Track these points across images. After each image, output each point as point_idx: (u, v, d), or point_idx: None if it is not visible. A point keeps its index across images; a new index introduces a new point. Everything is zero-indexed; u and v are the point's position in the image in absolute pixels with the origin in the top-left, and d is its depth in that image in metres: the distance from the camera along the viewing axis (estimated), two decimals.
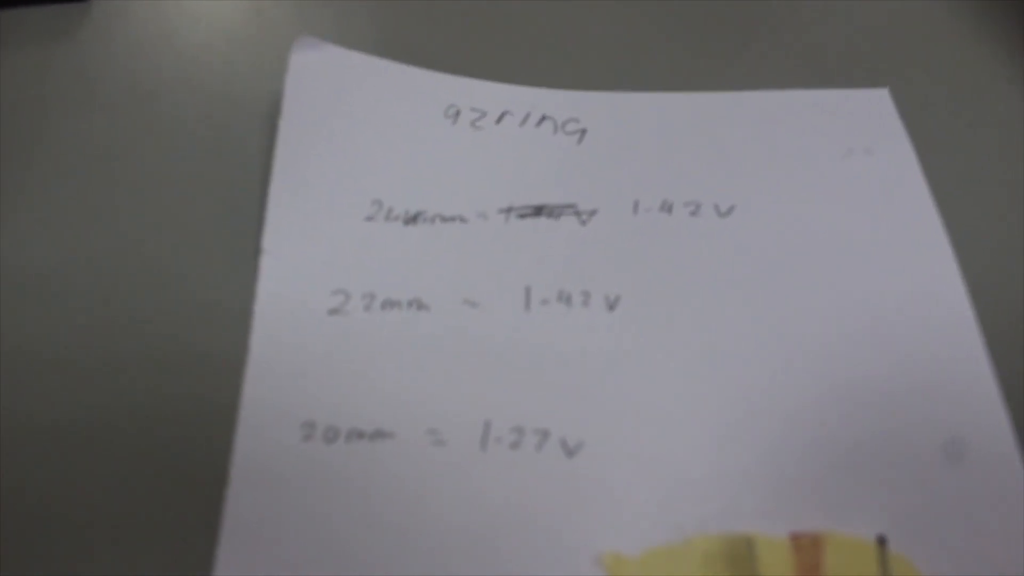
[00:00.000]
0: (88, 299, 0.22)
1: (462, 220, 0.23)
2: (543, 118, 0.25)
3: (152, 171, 0.25)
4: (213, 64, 0.27)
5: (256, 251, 0.22)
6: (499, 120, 0.25)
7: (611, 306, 0.22)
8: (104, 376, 0.21)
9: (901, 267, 0.23)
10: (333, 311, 0.22)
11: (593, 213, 0.23)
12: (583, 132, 0.25)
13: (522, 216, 0.23)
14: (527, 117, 0.25)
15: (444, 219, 0.23)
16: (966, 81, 0.27)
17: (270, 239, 0.22)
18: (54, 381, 0.21)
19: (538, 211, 0.23)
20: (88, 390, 0.21)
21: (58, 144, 0.26)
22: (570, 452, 0.20)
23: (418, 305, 0.22)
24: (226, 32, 0.28)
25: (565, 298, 0.22)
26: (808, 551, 0.19)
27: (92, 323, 0.22)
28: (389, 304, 0.22)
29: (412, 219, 0.23)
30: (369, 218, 0.23)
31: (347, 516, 0.19)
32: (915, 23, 0.28)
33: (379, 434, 0.20)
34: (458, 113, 0.25)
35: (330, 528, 0.19)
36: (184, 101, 0.26)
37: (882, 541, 0.19)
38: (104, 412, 0.21)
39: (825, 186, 0.24)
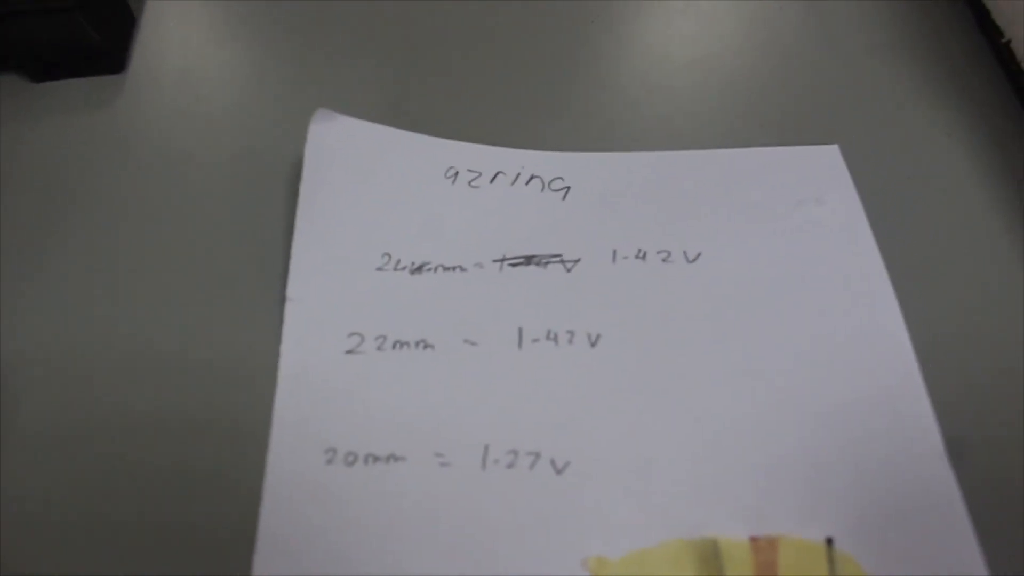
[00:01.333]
0: (128, 343, 0.25)
1: (462, 269, 0.26)
2: (532, 177, 0.28)
3: (183, 229, 0.28)
4: (238, 131, 0.30)
5: (281, 299, 0.25)
6: (493, 179, 0.28)
7: (593, 343, 0.25)
8: (139, 415, 0.24)
9: (848, 305, 0.26)
10: (350, 351, 0.25)
11: (577, 261, 0.26)
12: (567, 189, 0.28)
13: (514, 265, 0.26)
14: (517, 176, 0.28)
15: (446, 268, 0.26)
16: (909, 137, 0.30)
17: (293, 288, 0.25)
18: (91, 423, 0.24)
19: (528, 260, 0.26)
20: (128, 428, 0.24)
21: (96, 204, 0.28)
22: (559, 470, 0.23)
23: (424, 345, 0.25)
24: (250, 101, 0.31)
25: (553, 337, 0.25)
26: (765, 551, 0.21)
27: (132, 366, 0.25)
28: (399, 344, 0.25)
29: (418, 269, 0.26)
30: (380, 269, 0.26)
31: (366, 529, 0.22)
32: (863, 85, 0.31)
33: (392, 457, 0.23)
34: (457, 174, 0.28)
35: (351, 539, 0.22)
36: (212, 165, 0.29)
37: (830, 542, 0.22)
38: (142, 453, 0.24)
39: (781, 233, 0.27)
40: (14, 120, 0.31)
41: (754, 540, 0.22)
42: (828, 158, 0.29)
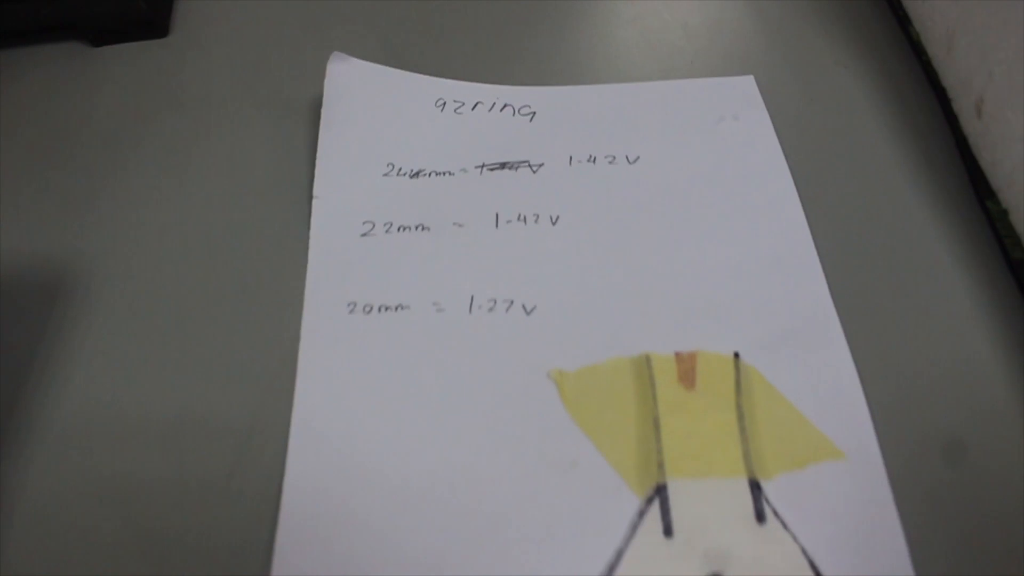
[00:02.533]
0: (181, 244, 0.32)
1: (450, 174, 0.33)
2: (505, 105, 0.35)
3: (223, 158, 0.34)
4: (265, 76, 0.37)
5: (308, 200, 0.32)
6: (474, 108, 0.35)
7: (554, 222, 0.31)
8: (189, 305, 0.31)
9: (756, 190, 0.32)
10: (363, 234, 0.31)
11: (541, 165, 0.33)
12: (533, 114, 0.35)
13: (492, 169, 0.33)
14: (493, 105, 0.35)
15: (437, 174, 0.33)
16: (812, 67, 0.37)
17: (318, 188, 0.32)
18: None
19: (503, 166, 0.33)
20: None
21: (149, 144, 0.35)
22: (528, 312, 0.29)
23: (422, 228, 0.31)
24: (273, 52, 0.37)
25: (522, 219, 0.32)
26: (686, 362, 0.28)
27: (186, 262, 0.32)
28: (402, 228, 0.31)
29: (415, 174, 0.33)
30: (385, 175, 0.33)
31: (379, 361, 0.28)
32: (775, 28, 0.38)
33: (400, 307, 0.29)
34: (444, 104, 0.35)
35: (368, 369, 0.28)
36: (246, 104, 0.36)
37: (736, 355, 0.28)
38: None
39: (704, 141, 0.34)
40: (79, 78, 0.37)
41: (678, 355, 0.28)
42: (745, 86, 0.36)
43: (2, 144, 0.35)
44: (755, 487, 0.26)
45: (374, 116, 0.34)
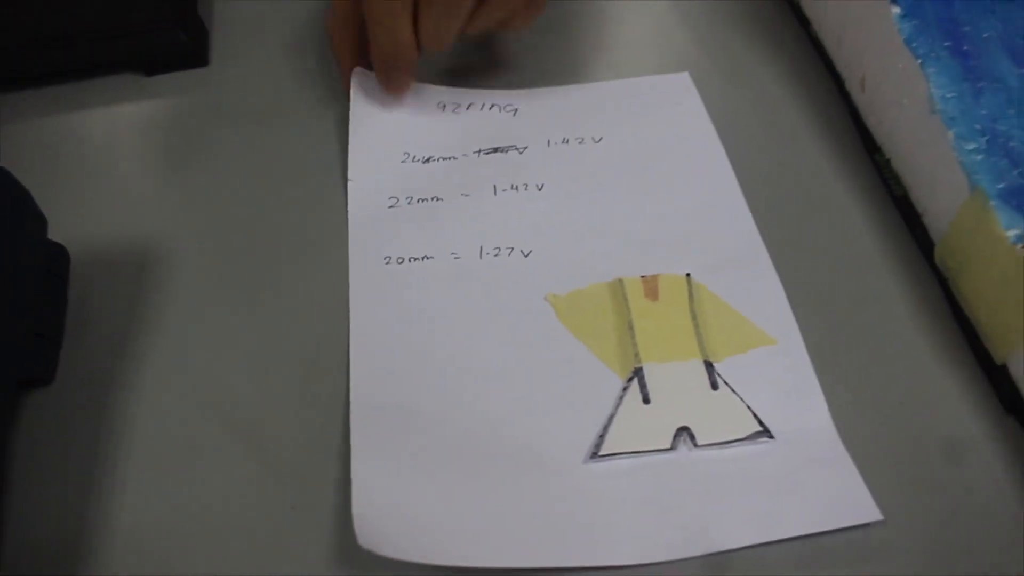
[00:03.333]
0: (241, 222, 0.40)
1: (454, 158, 0.41)
2: (492, 105, 0.44)
3: (271, 153, 0.42)
4: (297, 92, 0.45)
5: (343, 184, 0.40)
6: (467, 108, 0.43)
7: (540, 189, 0.40)
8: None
9: (695, 160, 0.41)
10: (390, 206, 0.39)
11: (525, 148, 0.42)
12: (516, 110, 0.43)
13: (486, 153, 0.41)
14: (483, 105, 0.43)
15: (444, 159, 0.41)
16: (733, 62, 0.46)
17: (352, 173, 0.40)
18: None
19: (495, 150, 0.42)
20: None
21: (199, 153, 0.43)
22: (526, 255, 0.38)
23: (436, 199, 0.40)
24: (300, 71, 0.46)
25: (515, 187, 0.40)
26: (650, 283, 0.36)
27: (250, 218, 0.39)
28: (420, 200, 0.40)
29: (426, 160, 0.41)
30: (403, 161, 0.41)
31: (414, 297, 0.36)
32: (701, 29, 0.47)
33: (425, 257, 0.38)
34: (444, 105, 0.43)
35: (406, 303, 0.36)
36: (283, 113, 0.44)
37: (688, 275, 0.37)
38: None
39: (653, 122, 0.42)
40: (139, 102, 0.45)
41: (643, 277, 0.37)
42: (682, 80, 0.45)
43: (83, 157, 0.43)
44: (709, 366, 0.34)
45: (391, 117, 0.42)
